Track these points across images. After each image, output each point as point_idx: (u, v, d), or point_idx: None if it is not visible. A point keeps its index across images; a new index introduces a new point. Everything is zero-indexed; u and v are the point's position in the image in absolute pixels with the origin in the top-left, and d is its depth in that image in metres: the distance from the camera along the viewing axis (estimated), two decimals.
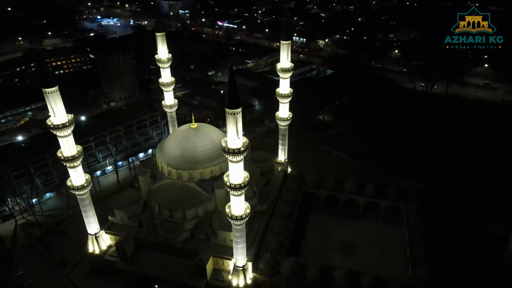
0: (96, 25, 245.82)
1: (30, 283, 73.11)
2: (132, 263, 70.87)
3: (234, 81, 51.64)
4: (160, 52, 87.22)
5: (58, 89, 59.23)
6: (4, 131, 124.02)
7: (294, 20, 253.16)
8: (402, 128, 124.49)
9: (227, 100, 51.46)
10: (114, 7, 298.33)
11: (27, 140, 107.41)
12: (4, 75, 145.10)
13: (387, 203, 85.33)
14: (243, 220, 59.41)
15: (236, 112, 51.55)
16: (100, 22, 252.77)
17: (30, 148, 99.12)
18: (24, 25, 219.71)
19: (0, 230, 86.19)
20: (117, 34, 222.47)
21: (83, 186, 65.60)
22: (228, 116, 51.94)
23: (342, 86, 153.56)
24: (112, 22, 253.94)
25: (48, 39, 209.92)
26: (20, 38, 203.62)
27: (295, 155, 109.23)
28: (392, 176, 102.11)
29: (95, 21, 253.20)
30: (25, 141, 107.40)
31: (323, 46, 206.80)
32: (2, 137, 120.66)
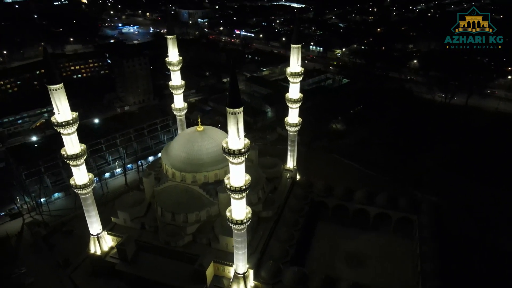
0: (117, 32, 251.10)
1: (31, 281, 72.86)
2: (132, 266, 69.72)
3: (235, 80, 50.46)
4: (171, 55, 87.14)
5: (63, 86, 59.15)
6: (20, 131, 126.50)
7: (312, 30, 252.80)
8: (418, 139, 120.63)
9: (228, 100, 50.21)
10: (136, 16, 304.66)
11: (40, 140, 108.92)
12: (24, 77, 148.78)
13: (399, 215, 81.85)
14: (243, 224, 57.50)
15: (237, 111, 50.20)
16: (121, 30, 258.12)
17: (42, 149, 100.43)
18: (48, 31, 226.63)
19: (8, 228, 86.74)
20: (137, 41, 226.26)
21: (86, 185, 65.18)
22: (229, 116, 50.63)
23: (358, 95, 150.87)
24: (133, 30, 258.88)
25: (70, 45, 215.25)
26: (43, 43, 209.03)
27: (306, 163, 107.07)
28: (406, 187, 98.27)
29: (116, 29, 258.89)
30: (38, 141, 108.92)
31: (340, 55, 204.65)
32: (17, 137, 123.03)
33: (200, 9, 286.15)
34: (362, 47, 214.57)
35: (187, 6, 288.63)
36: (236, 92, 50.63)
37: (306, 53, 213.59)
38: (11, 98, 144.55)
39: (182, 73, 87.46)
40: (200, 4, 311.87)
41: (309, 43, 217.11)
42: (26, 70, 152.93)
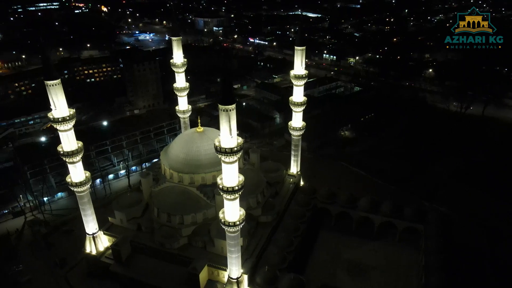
0: (133, 39, 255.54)
1: (27, 279, 72.45)
2: (126, 267, 68.47)
3: (228, 77, 49.55)
4: (175, 56, 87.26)
5: (60, 83, 59.23)
6: (31, 132, 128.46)
7: (326, 39, 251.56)
8: (430, 149, 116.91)
9: (220, 96, 49.03)
10: (153, 24, 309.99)
11: (48, 141, 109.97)
12: (38, 80, 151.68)
13: (404, 224, 78.42)
14: (237, 227, 55.69)
15: (229, 108, 48.93)
16: (137, 37, 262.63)
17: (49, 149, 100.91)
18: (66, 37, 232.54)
19: (9, 226, 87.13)
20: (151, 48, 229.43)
21: (82, 183, 64.77)
22: (221, 113, 49.44)
23: (369, 103, 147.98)
24: (148, 37, 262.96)
25: (86, 51, 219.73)
26: (60, 48, 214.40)
27: (312, 170, 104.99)
28: (414, 197, 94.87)
29: (132, 36, 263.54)
30: (45, 142, 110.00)
31: (354, 64, 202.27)
32: (28, 137, 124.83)
33: (216, 18, 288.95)
34: (377, 56, 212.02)
35: (203, 15, 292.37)
36: (228, 89, 49.52)
37: (319, 62, 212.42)
38: (25, 99, 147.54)
39: (194, 78, 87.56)
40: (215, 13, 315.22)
41: (323, 51, 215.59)
42: (41, 73, 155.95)
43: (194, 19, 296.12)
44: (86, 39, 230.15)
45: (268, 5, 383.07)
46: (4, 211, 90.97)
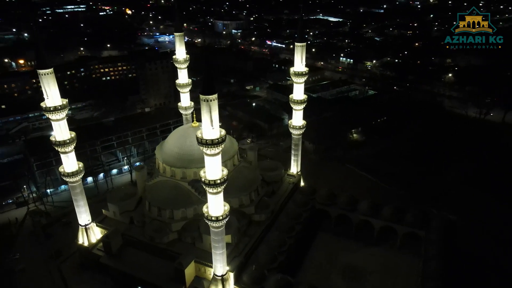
0: (153, 41, 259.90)
1: (21, 267, 73.35)
2: (116, 260, 68.17)
3: (210, 67, 48.90)
4: (178, 52, 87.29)
5: (53, 72, 59.82)
6: (43, 126, 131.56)
7: (345, 43, 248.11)
8: (443, 154, 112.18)
9: (201, 86, 48.07)
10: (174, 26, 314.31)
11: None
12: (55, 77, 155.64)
13: (405, 229, 74.93)
14: (220, 221, 54.32)
15: (210, 99, 47.86)
16: (157, 38, 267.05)
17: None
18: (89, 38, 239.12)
19: (12, 215, 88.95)
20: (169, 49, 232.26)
21: (74, 173, 65.09)
22: (202, 103, 48.45)
23: (383, 107, 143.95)
24: (168, 39, 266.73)
25: (107, 51, 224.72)
26: (82, 48, 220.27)
27: (317, 172, 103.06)
28: (422, 202, 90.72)
29: (153, 37, 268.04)
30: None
31: (371, 67, 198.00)
32: (40, 131, 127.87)
33: (235, 21, 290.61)
34: (395, 60, 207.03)
35: (222, 18, 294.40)
36: (209, 79, 48.47)
37: (336, 65, 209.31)
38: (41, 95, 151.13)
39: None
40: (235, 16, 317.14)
41: (340, 55, 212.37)
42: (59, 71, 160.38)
43: (214, 21, 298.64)
44: (107, 39, 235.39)
45: (289, 9, 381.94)
46: (8, 201, 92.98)
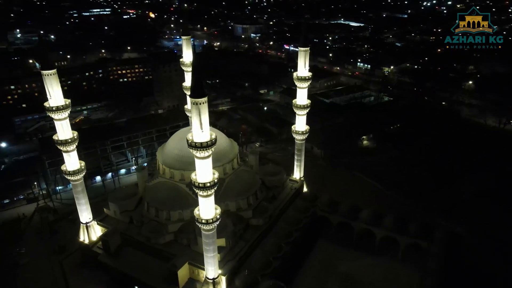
0: (173, 44, 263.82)
1: (25, 262, 75.50)
2: (114, 258, 69.21)
3: (199, 70, 48.77)
4: (185, 55, 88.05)
5: (56, 73, 61.40)
6: None
7: (364, 48, 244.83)
8: (457, 164, 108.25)
9: (191, 89, 48.35)
10: (195, 30, 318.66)
11: None
12: (74, 78, 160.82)
13: (408, 240, 72.92)
14: (210, 224, 54.35)
15: (199, 102, 48.01)
16: (177, 42, 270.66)
17: None
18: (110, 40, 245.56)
19: (22, 211, 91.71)
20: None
21: (76, 171, 66.62)
22: (192, 106, 48.66)
23: (397, 113, 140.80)
24: None
25: (127, 53, 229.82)
26: (103, 50, 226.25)
27: (323, 178, 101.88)
28: (430, 213, 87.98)
29: (173, 40, 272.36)
30: None
31: (388, 73, 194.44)
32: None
33: (254, 25, 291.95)
34: (415, 66, 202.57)
35: (242, 22, 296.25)
36: (199, 82, 48.60)
37: (353, 70, 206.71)
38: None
39: (222, 82, 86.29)
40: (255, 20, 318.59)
41: (357, 60, 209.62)
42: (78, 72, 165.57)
43: (234, 25, 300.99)
44: (128, 42, 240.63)
45: (311, 14, 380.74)
46: (20, 197, 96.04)
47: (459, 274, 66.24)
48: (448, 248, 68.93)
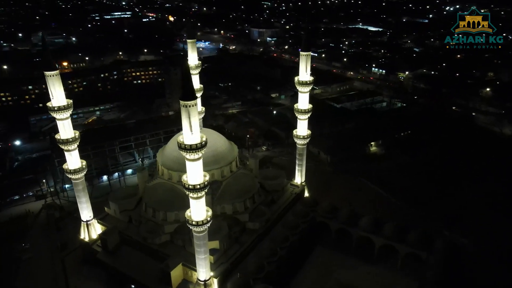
0: None
1: (28, 257, 77.61)
2: (111, 257, 70.48)
3: (188, 72, 49.32)
4: (190, 58, 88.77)
5: (58, 74, 63.09)
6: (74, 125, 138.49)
7: (381, 53, 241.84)
8: (468, 173, 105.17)
9: (181, 92, 48.89)
10: (212, 33, 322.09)
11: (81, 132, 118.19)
12: (89, 79, 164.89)
13: (407, 250, 71.34)
14: (200, 226, 54.67)
15: (189, 104, 48.50)
16: None
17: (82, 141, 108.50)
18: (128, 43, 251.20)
19: (30, 207, 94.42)
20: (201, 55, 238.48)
21: (77, 170, 68.19)
22: (182, 109, 49.19)
23: (409, 120, 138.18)
24: (203, 45, 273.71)
25: (143, 55, 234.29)
26: (120, 52, 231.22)
27: (327, 183, 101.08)
28: (435, 223, 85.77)
29: None
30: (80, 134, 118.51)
31: (403, 79, 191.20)
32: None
33: (270, 29, 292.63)
34: (431, 72, 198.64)
35: (258, 26, 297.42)
36: (188, 85, 49.12)
37: (368, 75, 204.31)
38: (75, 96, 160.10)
39: (235, 85, 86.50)
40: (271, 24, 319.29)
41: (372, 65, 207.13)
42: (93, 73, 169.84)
43: (250, 29, 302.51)
44: (145, 45, 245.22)
45: (329, 18, 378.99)
46: (29, 194, 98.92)
47: (458, 286, 64.25)
48: (448, 259, 67.10)
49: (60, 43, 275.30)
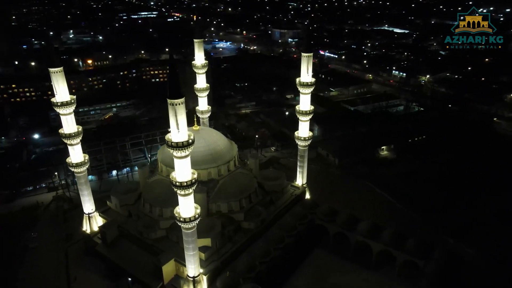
0: (210, 47, 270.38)
1: (34, 246, 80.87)
2: (109, 249, 72.30)
3: (175, 71, 50.10)
4: (197, 58, 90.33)
5: (62, 70, 65.29)
6: (90, 121, 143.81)
7: (404, 56, 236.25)
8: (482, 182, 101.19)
9: (168, 91, 49.73)
10: (235, 34, 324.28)
11: (94, 128, 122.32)
12: (109, 77, 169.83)
13: (404, 257, 69.57)
14: (188, 223, 55.40)
15: (176, 103, 49.28)
16: (214, 45, 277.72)
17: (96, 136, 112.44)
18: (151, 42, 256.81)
19: (41, 198, 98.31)
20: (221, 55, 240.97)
21: (79, 164, 70.48)
22: (169, 107, 50.04)
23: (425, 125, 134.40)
24: (225, 45, 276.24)
25: (164, 54, 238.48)
26: (142, 51, 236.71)
27: (333, 187, 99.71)
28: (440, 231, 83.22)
29: (211, 43, 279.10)
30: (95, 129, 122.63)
31: (424, 82, 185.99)
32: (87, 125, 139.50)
33: (292, 30, 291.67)
34: (455, 76, 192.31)
35: (280, 26, 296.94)
36: (175, 83, 49.83)
37: (387, 78, 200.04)
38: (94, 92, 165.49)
39: (251, 85, 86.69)
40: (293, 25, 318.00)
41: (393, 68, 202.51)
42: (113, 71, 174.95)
43: (272, 30, 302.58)
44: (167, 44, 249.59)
45: (354, 20, 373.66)
46: (42, 185, 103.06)
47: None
48: (446, 268, 64.93)
49: (87, 41, 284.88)
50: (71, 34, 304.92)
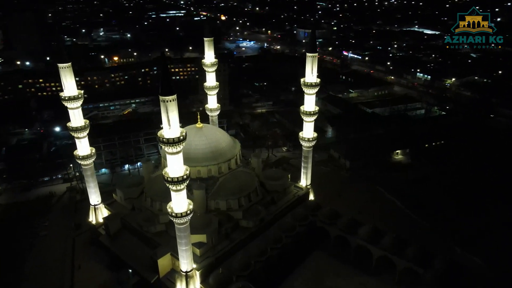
0: (234, 46, 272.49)
1: (44, 234, 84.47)
2: (111, 241, 74.38)
3: (167, 68, 50.89)
4: (207, 56, 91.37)
5: (70, 66, 67.69)
6: (110, 116, 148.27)
7: (432, 57, 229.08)
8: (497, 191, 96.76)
9: (160, 87, 50.60)
10: (259, 33, 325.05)
11: (110, 123, 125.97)
12: (131, 73, 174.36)
13: (404, 264, 67.63)
14: (179, 218, 56.16)
15: (167, 99, 50.10)
16: (238, 44, 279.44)
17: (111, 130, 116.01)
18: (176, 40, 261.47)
19: (56, 189, 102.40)
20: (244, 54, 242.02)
21: (85, 157, 72.94)
22: (161, 104, 50.92)
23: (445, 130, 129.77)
24: (248, 44, 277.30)
25: (188, 53, 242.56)
26: (167, 49, 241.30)
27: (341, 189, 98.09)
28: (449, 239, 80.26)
29: (235, 43, 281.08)
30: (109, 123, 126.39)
31: (450, 86, 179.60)
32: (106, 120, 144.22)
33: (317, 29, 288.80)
34: (484, 80, 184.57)
35: (305, 26, 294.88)
36: (167, 80, 50.60)
37: (411, 80, 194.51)
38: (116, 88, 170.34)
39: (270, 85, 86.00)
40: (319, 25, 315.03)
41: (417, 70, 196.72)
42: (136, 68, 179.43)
43: (297, 30, 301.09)
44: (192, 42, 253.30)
45: (383, 20, 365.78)
46: (58, 176, 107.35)
47: None
48: (446, 277, 62.62)
49: (115, 39, 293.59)
50: (101, 32, 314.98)
